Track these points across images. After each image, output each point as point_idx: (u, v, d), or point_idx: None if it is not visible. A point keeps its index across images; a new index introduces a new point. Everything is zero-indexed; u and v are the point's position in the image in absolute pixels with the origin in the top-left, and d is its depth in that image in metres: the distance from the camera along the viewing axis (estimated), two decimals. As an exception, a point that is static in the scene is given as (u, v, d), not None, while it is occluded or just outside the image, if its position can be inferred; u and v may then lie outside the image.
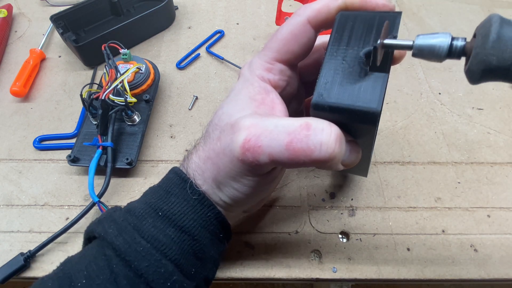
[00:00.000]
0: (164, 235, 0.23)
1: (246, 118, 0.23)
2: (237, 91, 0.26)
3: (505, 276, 0.34)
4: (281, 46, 0.25)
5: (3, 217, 0.38)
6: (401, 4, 0.59)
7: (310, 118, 0.21)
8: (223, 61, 0.51)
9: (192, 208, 0.24)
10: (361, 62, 0.22)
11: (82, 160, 0.39)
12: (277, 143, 0.21)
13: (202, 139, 0.26)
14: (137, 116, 0.42)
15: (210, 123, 0.26)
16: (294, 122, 0.21)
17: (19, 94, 0.46)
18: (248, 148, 0.21)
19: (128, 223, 0.24)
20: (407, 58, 0.51)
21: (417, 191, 0.39)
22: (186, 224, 0.24)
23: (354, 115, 0.21)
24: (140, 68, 0.44)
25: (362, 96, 0.21)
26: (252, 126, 0.22)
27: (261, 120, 0.22)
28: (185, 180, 0.25)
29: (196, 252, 0.24)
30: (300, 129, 0.21)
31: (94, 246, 0.25)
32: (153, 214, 0.24)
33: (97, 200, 0.36)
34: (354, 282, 0.35)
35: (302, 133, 0.20)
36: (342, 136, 0.21)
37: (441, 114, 0.45)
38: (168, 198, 0.25)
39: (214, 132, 0.25)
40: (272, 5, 0.59)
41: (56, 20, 0.49)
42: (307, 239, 0.36)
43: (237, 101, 0.25)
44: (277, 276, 0.34)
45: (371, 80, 0.21)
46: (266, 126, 0.21)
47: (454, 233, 0.37)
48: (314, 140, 0.20)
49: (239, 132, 0.22)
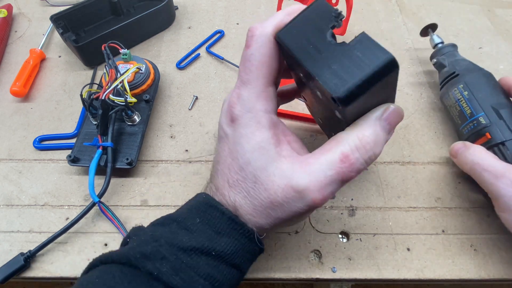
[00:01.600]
0: (218, 272, 0.25)
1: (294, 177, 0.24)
2: (249, 137, 0.26)
3: (505, 276, 0.34)
4: (263, 71, 0.26)
5: (3, 217, 0.38)
6: (401, 4, 0.59)
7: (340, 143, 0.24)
8: (223, 61, 0.51)
9: (243, 246, 0.26)
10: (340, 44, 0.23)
11: (82, 160, 0.39)
12: (336, 184, 0.24)
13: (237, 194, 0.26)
14: (137, 116, 0.42)
15: (242, 179, 0.26)
16: (333, 160, 0.24)
17: (19, 94, 0.46)
18: (319, 202, 0.24)
19: (181, 261, 0.24)
20: (407, 58, 0.51)
21: (417, 191, 0.39)
22: (237, 261, 0.26)
23: (379, 74, 0.21)
24: (140, 68, 0.44)
25: (369, 59, 0.21)
26: (310, 185, 0.24)
27: (310, 174, 0.24)
28: (235, 221, 0.26)
29: (239, 281, 0.27)
30: (342, 163, 0.24)
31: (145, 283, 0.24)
32: (206, 253, 0.25)
33: (97, 201, 0.36)
34: (354, 282, 0.35)
35: (347, 166, 0.24)
36: (378, 137, 0.24)
37: (441, 114, 0.45)
38: (220, 239, 0.25)
39: (257, 191, 0.25)
40: (272, 5, 0.59)
41: (56, 20, 0.49)
42: (307, 239, 0.36)
43: (260, 150, 0.25)
44: (277, 276, 0.34)
45: (359, 43, 0.22)
46: (319, 178, 0.24)
47: (454, 233, 0.37)
48: (358, 164, 0.24)
49: (303, 194, 0.24)
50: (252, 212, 0.26)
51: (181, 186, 0.40)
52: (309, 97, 0.31)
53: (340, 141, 0.25)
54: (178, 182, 0.40)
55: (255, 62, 0.25)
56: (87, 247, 0.36)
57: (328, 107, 0.26)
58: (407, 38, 0.54)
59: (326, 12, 0.23)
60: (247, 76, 0.26)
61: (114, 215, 0.37)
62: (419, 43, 0.53)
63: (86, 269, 0.27)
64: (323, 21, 0.23)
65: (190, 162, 0.42)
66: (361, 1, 0.59)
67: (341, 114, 0.24)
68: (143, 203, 0.39)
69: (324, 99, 0.25)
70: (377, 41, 0.22)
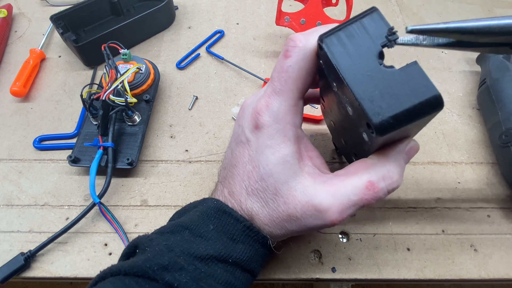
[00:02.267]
0: (234, 278, 0.25)
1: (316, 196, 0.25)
2: (275, 149, 0.25)
3: (505, 276, 0.34)
4: (298, 84, 0.25)
5: (3, 217, 0.38)
6: (401, 4, 0.59)
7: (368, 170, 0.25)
8: (223, 61, 0.51)
9: (257, 252, 0.27)
10: (389, 67, 0.21)
11: (83, 160, 0.39)
12: (355, 208, 0.25)
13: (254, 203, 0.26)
14: (137, 116, 0.42)
15: (261, 190, 0.26)
16: (359, 185, 0.24)
17: (19, 94, 0.46)
18: (337, 223, 0.25)
19: (200, 271, 0.24)
20: (408, 58, 0.51)
21: (417, 191, 0.39)
22: (251, 267, 0.26)
23: (421, 111, 0.20)
24: (140, 68, 0.44)
25: (414, 92, 0.20)
26: (332, 206, 0.24)
27: (333, 196, 0.25)
28: (251, 228, 0.26)
29: (251, 284, 0.28)
30: (367, 190, 0.24)
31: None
32: (223, 260, 0.25)
33: (98, 201, 0.36)
34: (354, 282, 0.35)
35: (372, 193, 0.24)
36: (401, 168, 0.25)
37: (441, 114, 0.45)
38: (235, 246, 0.26)
39: (276, 203, 0.26)
40: (272, 5, 0.59)
41: (56, 20, 0.48)
42: (307, 239, 0.36)
43: (285, 164, 0.25)
44: (277, 276, 0.34)
45: (408, 72, 0.21)
46: (341, 201, 0.24)
47: (454, 233, 0.37)
48: (381, 193, 0.25)
49: (323, 214, 0.25)
50: (268, 222, 0.26)
51: (181, 186, 0.40)
52: (332, 103, 0.29)
53: (367, 168, 0.25)
54: (178, 182, 0.40)
55: (293, 74, 0.24)
56: (87, 247, 0.36)
57: (354, 123, 0.25)
58: (407, 38, 0.54)
59: (379, 27, 0.21)
60: (281, 87, 0.25)
61: (114, 217, 0.37)
62: (419, 43, 0.53)
63: (93, 281, 0.26)
64: (375, 37, 0.21)
65: (190, 162, 0.42)
66: (361, 1, 0.59)
67: (370, 139, 0.23)
68: (143, 203, 0.39)
69: (355, 117, 0.24)
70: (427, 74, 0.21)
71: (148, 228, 0.37)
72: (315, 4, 0.46)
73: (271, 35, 0.55)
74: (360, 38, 0.22)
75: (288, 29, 0.49)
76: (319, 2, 0.46)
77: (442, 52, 0.52)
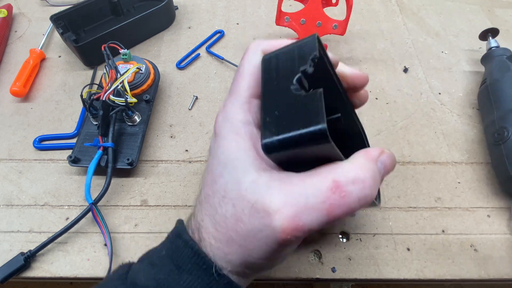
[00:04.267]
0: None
1: (267, 193, 0.20)
2: (225, 148, 0.23)
3: (505, 276, 0.34)
4: (250, 82, 0.24)
5: (3, 217, 0.38)
6: (401, 4, 0.59)
7: (334, 171, 0.20)
8: (223, 61, 0.51)
9: (207, 286, 0.22)
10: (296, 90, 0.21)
11: (83, 160, 0.39)
12: (317, 217, 0.20)
13: (205, 213, 0.23)
14: (137, 116, 0.42)
15: (212, 194, 0.23)
16: (321, 186, 0.20)
17: (19, 94, 0.46)
18: (290, 232, 0.20)
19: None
20: (408, 57, 0.51)
21: (417, 191, 0.39)
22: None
23: (304, 141, 0.19)
24: (140, 68, 0.44)
25: (305, 119, 0.19)
26: (284, 206, 0.20)
27: (287, 194, 0.20)
28: (198, 254, 0.22)
29: None
30: (331, 193, 0.20)
31: None
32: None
33: (90, 202, 0.35)
34: (354, 282, 0.35)
35: (337, 198, 0.20)
36: (376, 177, 0.21)
37: (441, 114, 0.45)
38: (180, 276, 0.22)
39: (224, 207, 0.22)
40: (272, 5, 0.59)
41: (56, 20, 0.48)
42: (307, 239, 0.36)
43: (234, 161, 0.22)
44: (277, 276, 0.34)
45: (310, 98, 0.20)
46: (297, 202, 0.20)
47: (454, 233, 0.37)
48: (350, 199, 0.20)
49: (272, 217, 0.20)
50: (214, 233, 0.22)
51: (181, 186, 0.40)
52: None
53: (334, 168, 0.21)
54: (178, 182, 0.40)
55: (243, 73, 0.24)
56: (87, 247, 0.36)
57: None
58: (407, 38, 0.54)
59: (307, 53, 0.21)
60: (233, 87, 0.24)
61: (104, 221, 0.36)
62: (418, 43, 0.53)
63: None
64: (301, 61, 0.22)
65: (190, 162, 0.42)
66: (361, 1, 0.59)
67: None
68: (143, 203, 0.39)
69: None
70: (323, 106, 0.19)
71: (148, 228, 0.37)
72: (315, 4, 0.46)
73: (271, 35, 0.55)
74: (290, 61, 0.22)
75: (288, 29, 0.49)
76: (319, 2, 0.46)
77: (442, 52, 0.52)
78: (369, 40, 0.54)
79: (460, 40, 0.54)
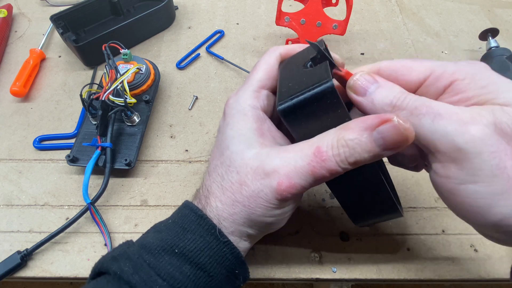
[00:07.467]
0: (180, 273, 0.24)
1: (267, 159, 0.24)
2: (233, 125, 0.27)
3: (505, 276, 0.34)
4: (262, 76, 0.29)
5: (3, 217, 0.38)
6: (401, 4, 0.59)
7: (323, 137, 0.23)
8: (223, 61, 0.51)
9: (208, 244, 0.25)
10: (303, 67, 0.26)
11: (81, 160, 0.39)
12: (305, 177, 0.23)
13: (213, 181, 0.27)
14: (136, 116, 0.42)
15: (219, 165, 0.27)
16: (308, 151, 0.23)
17: (19, 94, 0.46)
18: (284, 189, 0.24)
19: (143, 260, 0.24)
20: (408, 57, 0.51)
21: (417, 191, 0.39)
22: (202, 260, 0.24)
23: (314, 99, 0.23)
24: (140, 69, 0.44)
25: (313, 82, 0.23)
26: (279, 168, 0.24)
27: (282, 158, 0.24)
28: (202, 217, 0.26)
29: (208, 286, 0.25)
30: (314, 157, 0.23)
31: (108, 283, 0.24)
32: (169, 251, 0.24)
33: (88, 202, 0.36)
34: (354, 282, 0.35)
35: (318, 160, 0.23)
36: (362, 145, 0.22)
37: (441, 114, 0.45)
38: (184, 235, 0.25)
39: (230, 175, 0.26)
40: (272, 5, 0.59)
41: (56, 20, 0.49)
42: (307, 239, 0.36)
43: (240, 136, 0.26)
44: (277, 276, 0.34)
45: (317, 68, 0.24)
46: (289, 164, 0.24)
47: (454, 233, 0.37)
48: (330, 162, 0.23)
49: (270, 177, 0.24)
50: (221, 197, 0.26)
51: (181, 186, 0.40)
52: None
53: (321, 137, 0.24)
54: (178, 182, 0.40)
55: (258, 68, 0.29)
56: (87, 247, 0.36)
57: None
58: (407, 38, 0.54)
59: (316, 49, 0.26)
60: (248, 79, 0.29)
61: (102, 220, 0.36)
62: (418, 43, 0.53)
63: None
64: (310, 54, 0.27)
65: (190, 162, 0.42)
66: (361, 1, 0.59)
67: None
68: (143, 203, 0.39)
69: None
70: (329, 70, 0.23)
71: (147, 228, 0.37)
72: (315, 4, 0.46)
73: (271, 35, 0.55)
74: (302, 57, 0.28)
75: (288, 29, 0.49)
76: (319, 2, 0.46)
77: (442, 52, 0.52)
78: (369, 40, 0.54)
79: (460, 40, 0.54)
